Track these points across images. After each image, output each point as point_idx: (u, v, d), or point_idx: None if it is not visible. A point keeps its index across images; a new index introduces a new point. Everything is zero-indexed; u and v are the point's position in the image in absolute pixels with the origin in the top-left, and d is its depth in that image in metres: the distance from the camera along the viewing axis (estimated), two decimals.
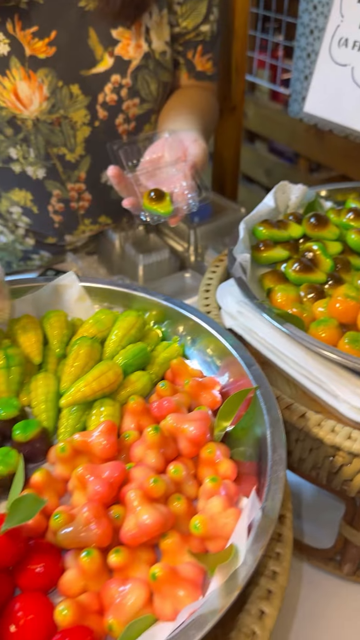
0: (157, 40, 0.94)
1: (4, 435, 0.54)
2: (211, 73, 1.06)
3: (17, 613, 0.40)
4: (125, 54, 0.91)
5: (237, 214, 1.29)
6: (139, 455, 0.50)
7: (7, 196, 1.04)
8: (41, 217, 1.06)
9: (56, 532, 0.44)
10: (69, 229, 1.09)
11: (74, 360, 0.58)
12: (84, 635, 0.38)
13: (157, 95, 1.00)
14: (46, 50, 0.87)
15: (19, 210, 1.06)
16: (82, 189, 1.04)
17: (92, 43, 0.89)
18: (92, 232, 1.14)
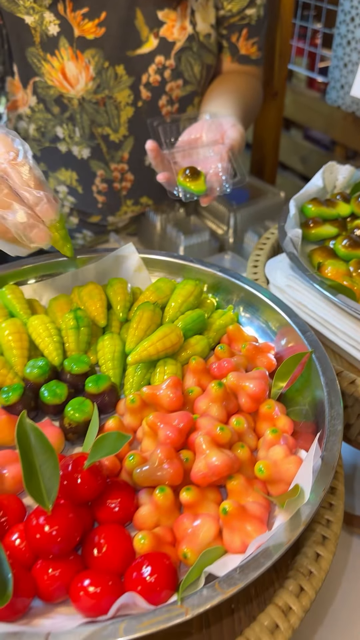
0: (201, 22, 0.96)
1: (77, 388, 0.58)
2: (256, 57, 1.07)
3: (100, 541, 0.44)
4: (170, 36, 0.94)
5: (277, 198, 1.31)
6: (202, 408, 0.54)
7: (54, 175, 1.08)
8: (85, 197, 1.10)
9: (131, 472, 0.49)
10: (111, 209, 1.13)
11: (138, 323, 0.62)
12: (163, 559, 0.42)
13: (201, 77, 1.02)
14: (95, 31, 0.90)
15: (65, 190, 1.10)
16: (125, 169, 1.07)
17: (139, 24, 0.92)
18: (134, 213, 1.17)
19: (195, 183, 0.76)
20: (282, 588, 0.48)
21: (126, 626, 0.38)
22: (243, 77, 1.08)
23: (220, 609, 0.49)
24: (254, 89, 1.08)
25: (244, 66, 1.08)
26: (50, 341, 0.61)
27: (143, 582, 0.41)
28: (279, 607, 0.46)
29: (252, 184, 1.37)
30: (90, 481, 0.45)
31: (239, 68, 1.08)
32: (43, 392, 0.56)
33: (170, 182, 0.77)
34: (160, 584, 0.41)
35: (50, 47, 0.91)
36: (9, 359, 0.59)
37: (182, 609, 0.39)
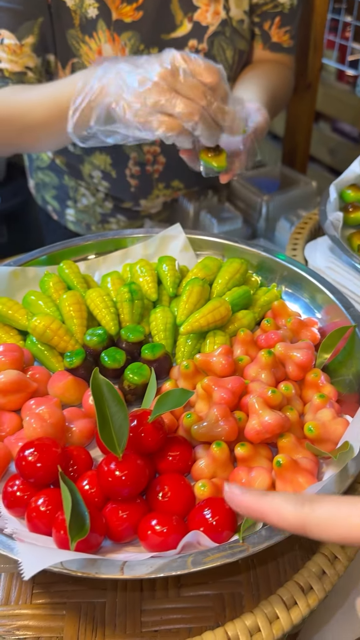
0: (235, 7, 0.97)
1: (132, 356, 0.62)
2: (288, 45, 1.08)
3: (164, 487, 0.48)
4: (203, 20, 0.96)
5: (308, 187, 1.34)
6: (252, 375, 0.58)
7: (90, 160, 1.11)
8: (119, 182, 1.13)
9: (188, 429, 0.53)
10: (144, 193, 1.16)
11: (188, 297, 0.66)
12: (222, 503, 0.46)
13: (233, 62, 1.03)
14: (133, 15, 0.92)
15: (99, 175, 1.13)
16: (157, 152, 1.09)
17: (174, 8, 0.94)
18: (166, 198, 1.20)
19: (217, 159, 0.77)
20: None
21: (194, 559, 0.42)
22: (274, 65, 1.08)
23: (266, 558, 0.53)
24: (285, 77, 1.08)
25: (275, 54, 1.07)
26: (107, 312, 0.65)
27: (206, 523, 0.45)
28: (326, 555, 0.50)
29: (284, 173, 1.39)
30: (153, 433, 0.49)
31: (270, 56, 1.08)
32: (104, 357, 0.60)
33: (192, 157, 0.80)
34: (222, 525, 0.45)
35: (89, 30, 0.93)
36: (70, 327, 0.64)
37: (244, 546, 0.43)
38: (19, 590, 0.52)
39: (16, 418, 0.55)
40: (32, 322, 0.61)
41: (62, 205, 1.21)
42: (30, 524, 0.46)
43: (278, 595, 0.49)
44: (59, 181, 1.17)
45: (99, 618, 0.51)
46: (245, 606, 0.51)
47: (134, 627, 0.50)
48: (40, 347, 0.62)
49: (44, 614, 0.51)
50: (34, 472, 0.47)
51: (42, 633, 0.50)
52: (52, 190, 1.21)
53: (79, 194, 1.18)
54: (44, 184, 1.21)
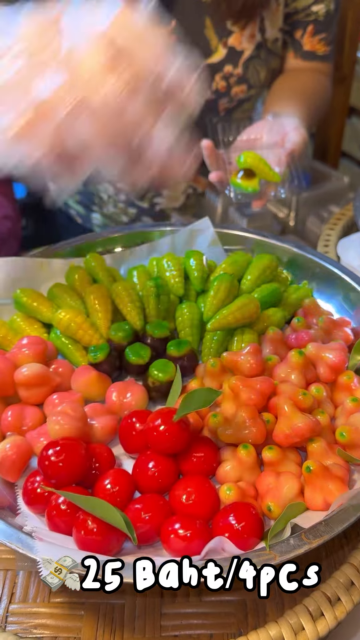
0: (271, 28, 0.93)
1: (157, 352, 0.61)
2: (322, 53, 1.01)
3: (188, 489, 0.47)
4: (238, 45, 0.91)
5: (340, 182, 1.30)
6: (281, 375, 0.56)
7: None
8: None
9: (214, 430, 0.51)
10: (155, 194, 1.12)
11: (216, 293, 0.64)
12: (249, 508, 0.44)
13: (265, 81, 0.99)
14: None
15: (111, 189, 1.09)
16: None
17: (208, 33, 0.90)
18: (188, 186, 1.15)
19: (249, 182, 0.73)
20: (357, 549, 0.50)
21: None
22: (309, 74, 1.02)
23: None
24: (321, 87, 1.02)
25: (309, 62, 1.01)
26: (132, 307, 0.63)
27: (231, 529, 0.43)
28: (354, 566, 0.48)
29: (315, 168, 1.36)
30: (179, 433, 0.48)
31: (304, 65, 1.02)
32: (128, 353, 0.59)
33: (223, 181, 0.75)
34: (248, 531, 0.43)
35: None
36: (95, 321, 0.62)
37: (271, 555, 0.41)
38: (36, 588, 0.51)
39: (38, 412, 0.54)
40: (57, 315, 0.60)
41: (87, 210, 1.19)
42: (50, 523, 0.45)
43: (304, 605, 0.47)
44: (83, 187, 1.15)
45: (117, 620, 0.49)
46: (268, 614, 0.49)
47: (154, 630, 0.48)
48: (64, 340, 0.61)
49: (61, 613, 0.50)
50: (57, 473, 0.46)
51: (59, 633, 0.49)
52: (75, 195, 1.19)
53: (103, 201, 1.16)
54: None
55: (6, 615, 0.50)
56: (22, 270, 0.68)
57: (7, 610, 0.50)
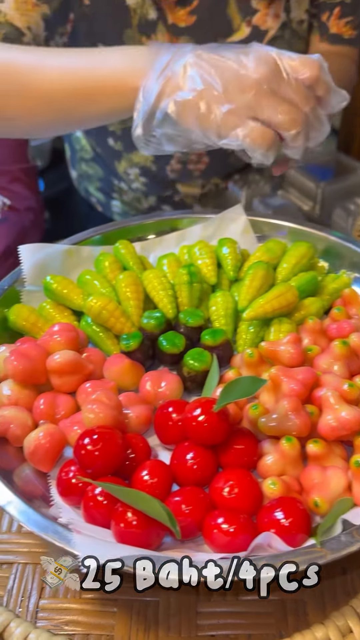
0: (296, 9, 0.89)
1: (191, 341, 0.58)
2: (349, 37, 0.96)
3: (230, 482, 0.44)
4: (263, 24, 0.88)
5: None
6: (323, 366, 0.53)
7: (128, 157, 1.06)
8: (158, 175, 1.08)
9: (254, 421, 0.49)
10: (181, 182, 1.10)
11: (251, 281, 0.62)
12: (297, 503, 0.42)
13: None
14: (186, 19, 0.86)
15: (137, 171, 1.07)
16: (203, 153, 1.04)
17: (231, 12, 0.86)
18: (203, 189, 1.14)
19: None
20: None
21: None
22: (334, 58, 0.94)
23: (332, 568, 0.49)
24: (346, 73, 0.97)
25: (334, 46, 0.97)
26: (165, 294, 0.61)
27: (278, 524, 0.41)
28: None
29: (340, 160, 1.33)
30: (219, 424, 0.46)
31: (329, 48, 0.97)
32: (162, 342, 0.57)
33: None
34: (296, 527, 0.41)
35: (148, 31, 0.89)
36: (127, 309, 0.60)
37: (322, 552, 0.39)
38: None
39: (71, 401, 0.52)
40: (88, 302, 0.58)
41: (108, 198, 1.18)
42: (86, 514, 0.43)
43: (351, 606, 0.44)
44: (104, 174, 1.13)
45: (152, 618, 0.48)
46: (308, 614, 0.47)
47: (189, 629, 0.46)
48: (95, 328, 0.59)
49: (94, 610, 0.48)
50: (93, 463, 0.44)
51: (91, 630, 0.47)
52: (96, 182, 1.17)
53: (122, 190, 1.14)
54: (88, 176, 1.18)
55: (36, 610, 0.48)
56: (51, 257, 0.66)
57: (37, 606, 0.48)
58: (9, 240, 1.14)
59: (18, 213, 1.21)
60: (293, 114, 0.55)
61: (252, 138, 0.54)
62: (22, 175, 1.25)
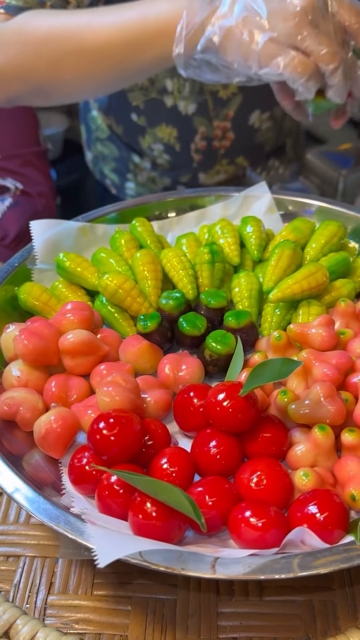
0: None
1: (212, 324, 0.55)
2: None
3: (258, 472, 0.41)
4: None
5: None
6: (358, 351, 0.49)
7: (153, 132, 1.04)
8: (182, 155, 1.05)
9: (282, 408, 0.45)
10: (205, 167, 1.08)
11: (277, 261, 0.58)
12: (333, 496, 0.38)
13: None
14: None
15: (161, 148, 1.05)
16: (228, 127, 1.02)
17: None
18: (227, 174, 1.12)
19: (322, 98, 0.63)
20: None
21: (300, 561, 0.35)
22: None
23: None
24: None
25: None
26: (185, 274, 0.58)
27: (312, 519, 0.37)
28: None
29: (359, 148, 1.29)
30: (245, 409, 0.42)
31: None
32: (182, 323, 0.53)
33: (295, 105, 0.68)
34: (332, 522, 0.37)
35: None
36: (144, 289, 0.57)
37: None
38: (78, 578, 0.46)
39: (85, 384, 0.49)
40: (103, 281, 0.54)
41: (122, 179, 1.15)
42: (101, 504, 0.40)
43: None
44: (119, 153, 1.11)
45: (168, 617, 0.44)
46: (339, 618, 0.43)
47: (209, 631, 0.43)
48: (110, 308, 0.56)
49: (106, 607, 0.44)
50: (109, 448, 0.40)
51: (104, 629, 0.43)
52: (111, 162, 1.15)
53: (139, 168, 1.12)
54: (103, 157, 1.15)
55: (44, 607, 0.44)
56: (64, 234, 0.63)
57: (45, 602, 0.45)
58: (20, 225, 1.10)
59: (30, 198, 1.18)
60: (333, 47, 0.54)
61: (292, 67, 0.54)
62: (33, 158, 1.22)
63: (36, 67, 0.66)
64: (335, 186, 1.21)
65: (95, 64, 0.64)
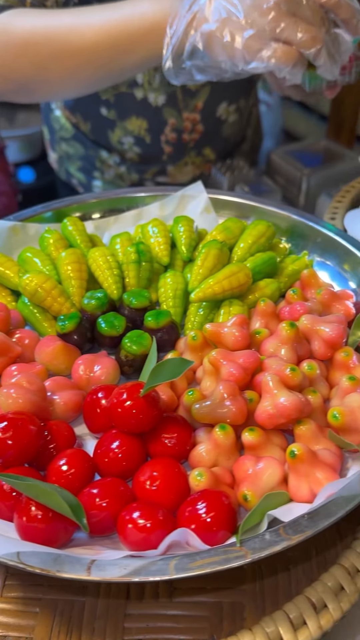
0: None
1: (135, 324, 0.54)
2: None
3: (153, 473, 0.40)
4: None
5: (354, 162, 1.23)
6: (270, 350, 0.49)
7: (123, 125, 1.04)
8: (152, 147, 1.05)
9: (189, 408, 0.45)
10: (174, 160, 1.08)
11: (203, 261, 0.57)
12: (221, 496, 0.38)
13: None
14: None
15: (131, 141, 1.05)
16: (197, 120, 1.02)
17: None
18: (194, 168, 1.12)
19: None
20: (349, 549, 0.43)
21: (177, 563, 0.34)
22: None
23: (275, 565, 0.45)
24: None
25: None
26: (110, 274, 0.57)
27: (198, 520, 0.37)
28: (345, 568, 0.42)
29: (328, 147, 1.29)
30: (145, 409, 0.42)
31: None
32: (100, 323, 0.53)
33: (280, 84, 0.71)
34: (217, 523, 0.37)
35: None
36: (67, 289, 0.56)
37: (242, 552, 0.35)
38: None
39: None
40: (23, 280, 0.54)
41: (89, 177, 1.15)
42: None
43: (284, 611, 0.40)
44: (85, 151, 1.10)
45: (76, 619, 0.44)
46: (246, 619, 0.43)
47: (115, 633, 0.43)
48: (32, 309, 0.56)
49: (14, 609, 0.44)
50: (4, 451, 0.40)
51: (9, 631, 0.43)
52: (77, 161, 1.14)
53: (107, 164, 1.11)
54: (68, 156, 1.15)
55: None
56: None
57: None
58: None
59: None
60: (312, 32, 0.55)
61: (276, 58, 0.56)
62: None
63: (20, 68, 0.66)
64: (299, 186, 1.21)
65: (80, 66, 0.66)
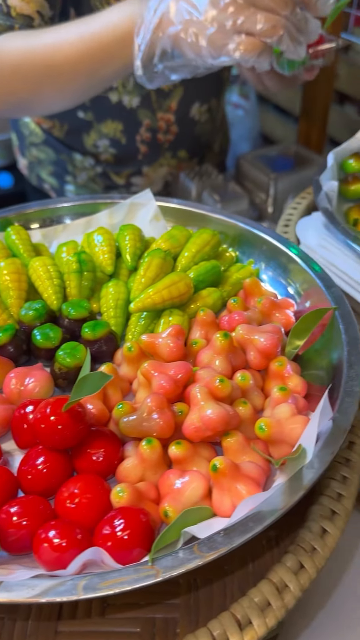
0: None
1: (73, 335, 0.54)
2: None
3: (74, 490, 0.39)
4: None
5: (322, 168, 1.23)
6: (205, 361, 0.49)
7: (98, 128, 1.03)
8: (127, 147, 1.05)
9: (119, 421, 0.44)
10: (149, 160, 1.08)
11: (146, 270, 0.57)
12: (138, 514, 0.37)
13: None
14: None
15: (107, 143, 1.05)
16: (171, 120, 1.02)
17: None
18: (169, 169, 1.12)
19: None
20: (279, 563, 0.42)
21: (87, 583, 0.34)
22: None
23: (211, 578, 0.44)
24: None
25: None
26: (50, 284, 0.57)
27: (114, 538, 0.36)
28: (273, 583, 0.41)
29: (297, 152, 1.29)
30: (70, 425, 0.41)
31: None
32: (35, 335, 0.52)
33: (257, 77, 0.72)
34: (133, 542, 0.36)
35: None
36: (5, 300, 0.55)
37: (153, 570, 0.34)
38: None
39: None
40: None
41: (61, 182, 1.14)
42: None
43: (207, 628, 0.39)
44: (56, 156, 1.10)
45: (5, 638, 0.43)
46: (179, 634, 0.42)
47: None
48: None
49: None
50: None
51: None
52: (49, 166, 1.13)
53: (79, 168, 1.11)
54: (39, 161, 1.14)
55: None
56: None
57: None
58: None
59: None
60: (272, 21, 0.56)
61: (240, 50, 0.57)
62: None
63: (16, 89, 0.69)
64: (267, 191, 1.21)
65: (67, 81, 0.69)
